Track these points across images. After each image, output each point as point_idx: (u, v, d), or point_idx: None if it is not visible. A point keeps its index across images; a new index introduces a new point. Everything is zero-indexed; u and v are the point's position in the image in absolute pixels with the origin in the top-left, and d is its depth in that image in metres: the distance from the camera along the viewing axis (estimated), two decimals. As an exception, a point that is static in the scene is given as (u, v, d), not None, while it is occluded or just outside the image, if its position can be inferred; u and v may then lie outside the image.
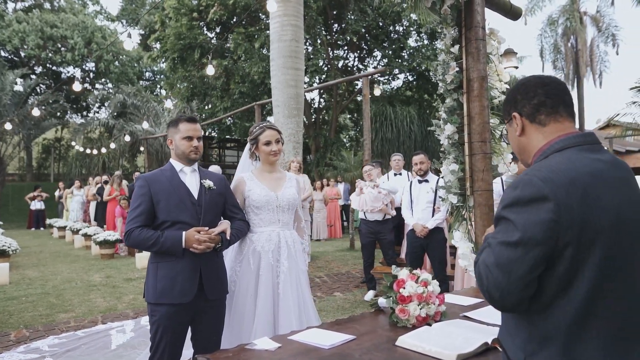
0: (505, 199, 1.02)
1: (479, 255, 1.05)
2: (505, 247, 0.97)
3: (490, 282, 0.97)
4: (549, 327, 0.97)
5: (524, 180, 0.99)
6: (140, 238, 2.04)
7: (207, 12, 14.24)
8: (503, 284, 0.96)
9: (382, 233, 4.80)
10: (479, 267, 1.03)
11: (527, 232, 0.94)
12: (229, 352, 1.33)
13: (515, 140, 1.18)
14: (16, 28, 20.96)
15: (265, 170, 2.44)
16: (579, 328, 0.95)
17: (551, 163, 1.01)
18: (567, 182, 0.96)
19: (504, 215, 1.01)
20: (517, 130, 1.15)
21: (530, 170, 1.02)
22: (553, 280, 0.96)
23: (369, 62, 16.37)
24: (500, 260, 0.97)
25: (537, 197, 0.95)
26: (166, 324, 2.02)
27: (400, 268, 1.66)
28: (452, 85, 2.83)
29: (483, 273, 0.99)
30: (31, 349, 3.31)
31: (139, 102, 20.05)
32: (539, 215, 0.94)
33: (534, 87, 1.12)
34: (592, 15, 20.46)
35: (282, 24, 7.38)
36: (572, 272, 0.95)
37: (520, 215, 0.96)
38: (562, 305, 0.96)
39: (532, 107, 1.11)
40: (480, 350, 1.28)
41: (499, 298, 0.97)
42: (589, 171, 0.98)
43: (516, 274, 0.95)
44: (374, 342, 1.39)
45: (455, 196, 2.82)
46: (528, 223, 0.95)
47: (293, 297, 2.23)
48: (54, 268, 6.89)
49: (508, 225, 0.98)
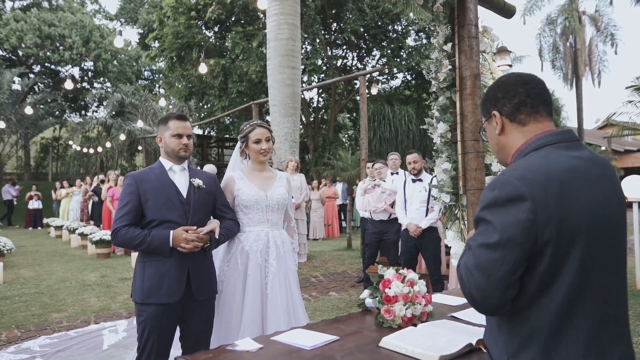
0: (483, 200, 1.01)
1: (461, 258, 1.04)
2: (485, 249, 0.96)
3: (472, 285, 0.96)
4: (530, 327, 0.96)
5: (500, 180, 0.98)
6: (127, 237, 2.01)
7: (205, 11, 14.21)
8: (484, 286, 0.95)
9: (387, 233, 4.77)
10: (460, 270, 1.02)
11: (506, 233, 0.93)
12: (209, 354, 1.31)
13: (494, 139, 1.15)
14: (14, 27, 20.91)
15: (255, 169, 2.41)
16: (560, 327, 0.95)
17: (527, 162, 1.00)
18: (542, 179, 0.94)
19: (482, 216, 1.00)
20: (496, 129, 1.12)
21: (507, 170, 1.01)
22: (534, 279, 0.95)
23: (368, 61, 16.35)
24: (481, 262, 0.96)
25: (513, 196, 0.94)
26: (153, 324, 2.00)
27: (386, 268, 1.64)
28: (444, 83, 2.81)
29: (464, 276, 0.99)
30: (22, 349, 3.29)
31: (137, 101, 20.01)
32: (516, 216, 0.93)
33: (515, 85, 1.10)
34: (590, 14, 20.45)
35: (279, 22, 7.35)
36: (553, 271, 0.94)
37: (498, 217, 0.95)
38: (543, 304, 0.95)
39: (512, 106, 1.09)
40: (464, 352, 1.26)
41: (480, 300, 0.96)
42: (563, 167, 0.97)
43: (497, 275, 0.94)
44: (357, 343, 1.37)
45: (448, 195, 2.80)
46: (506, 224, 0.94)
47: (282, 297, 2.21)
48: (49, 267, 6.87)
49: (487, 227, 0.97)
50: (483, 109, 1.17)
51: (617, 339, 0.98)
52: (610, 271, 0.98)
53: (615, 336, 0.98)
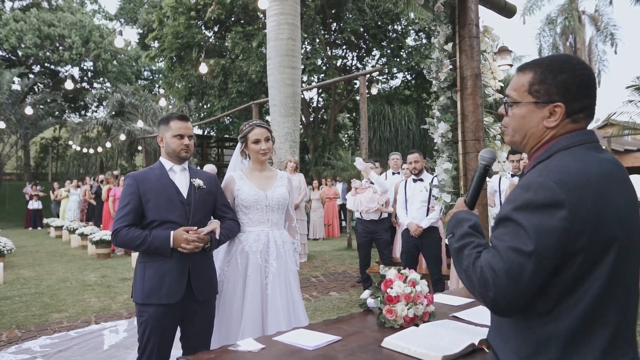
0: (515, 200, 0.96)
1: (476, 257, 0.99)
2: (517, 254, 0.91)
3: (498, 289, 0.92)
4: (548, 333, 0.94)
5: (538, 182, 0.94)
6: (127, 237, 2.01)
7: (205, 11, 14.20)
8: (511, 291, 0.91)
9: (378, 232, 4.79)
10: (482, 270, 0.95)
11: (540, 243, 0.90)
12: (212, 354, 1.31)
13: (531, 123, 1.05)
14: (13, 27, 20.88)
15: (255, 168, 2.41)
16: (579, 335, 0.92)
17: (563, 163, 0.96)
18: (581, 184, 0.91)
19: (513, 217, 0.95)
20: (550, 119, 1.03)
21: (544, 171, 0.96)
22: (557, 284, 0.93)
23: (368, 61, 16.34)
24: (511, 267, 0.91)
25: (550, 202, 0.90)
26: (154, 325, 2.00)
27: (388, 268, 1.64)
28: (445, 83, 2.81)
29: (490, 278, 0.93)
30: (22, 350, 3.29)
31: (137, 101, 20.00)
32: (552, 223, 0.90)
33: (590, 88, 1.02)
34: (590, 14, 20.46)
35: (279, 22, 7.35)
36: (579, 277, 0.92)
37: (532, 221, 0.91)
38: (565, 311, 0.93)
39: (580, 106, 1.02)
40: (467, 352, 1.25)
41: (505, 305, 0.93)
42: (599, 172, 0.95)
43: (526, 283, 0.91)
44: (359, 343, 1.36)
45: (449, 195, 2.80)
46: (540, 231, 0.90)
47: (282, 298, 2.20)
48: (49, 268, 6.86)
49: (518, 230, 0.93)
50: (541, 89, 1.03)
51: (628, 345, 0.97)
52: (632, 277, 0.96)
53: (626, 342, 0.96)
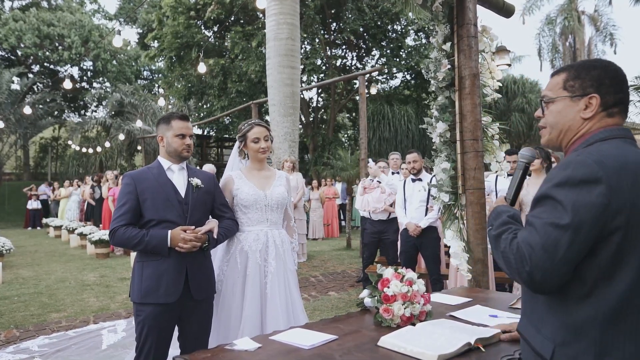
0: (553, 178, 0.99)
1: (513, 238, 1.01)
2: (553, 228, 0.94)
3: (534, 263, 0.94)
4: (585, 317, 0.95)
5: (576, 161, 0.97)
6: (125, 237, 2.01)
7: (205, 11, 14.19)
8: (547, 265, 0.93)
9: (386, 233, 4.78)
10: (518, 246, 0.98)
11: (578, 215, 0.92)
12: (208, 353, 1.31)
13: (566, 116, 1.10)
14: (13, 26, 20.86)
15: (254, 168, 2.41)
16: (617, 319, 0.93)
17: (601, 149, 1.00)
18: (619, 167, 0.94)
19: (551, 194, 0.98)
20: (587, 111, 1.07)
21: (582, 153, 1.00)
22: (594, 267, 0.94)
23: (367, 61, 16.34)
24: (548, 241, 0.94)
25: (589, 178, 0.93)
26: (151, 324, 2.00)
27: (384, 267, 1.64)
28: (443, 83, 2.80)
29: (526, 253, 0.96)
30: (20, 349, 3.28)
31: (136, 101, 19.99)
32: (590, 198, 0.92)
33: (622, 82, 1.08)
34: (590, 14, 20.46)
35: (278, 22, 7.34)
36: (617, 260, 0.93)
37: (570, 196, 0.94)
38: (603, 294, 0.94)
39: (614, 99, 1.07)
40: (463, 351, 1.25)
41: (540, 279, 0.95)
42: (637, 161, 0.97)
43: (562, 256, 0.93)
44: (356, 343, 1.36)
45: (447, 194, 2.80)
46: (578, 205, 0.93)
47: (281, 297, 2.21)
48: (48, 267, 6.86)
49: (556, 206, 0.96)
50: (575, 84, 1.09)
51: None
52: None
53: None
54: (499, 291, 3.37)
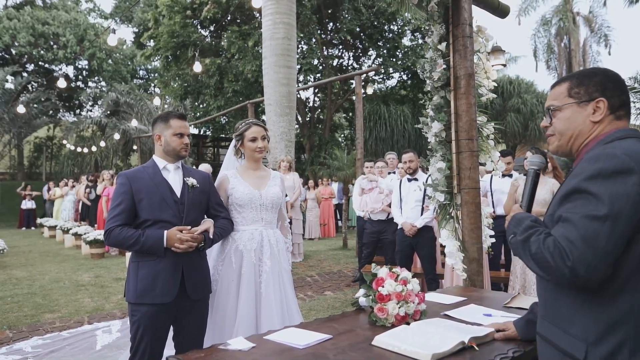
0: (584, 172, 0.99)
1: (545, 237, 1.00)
2: (591, 220, 0.93)
3: (576, 257, 0.93)
4: (618, 313, 0.95)
5: (605, 153, 0.98)
6: (120, 237, 2.00)
7: (201, 10, 14.14)
8: (589, 258, 0.92)
9: (385, 233, 4.79)
10: (555, 242, 0.97)
11: (615, 205, 0.92)
12: (202, 353, 1.30)
13: (576, 122, 1.12)
14: (7, 25, 20.69)
15: (250, 167, 2.41)
16: None
17: (622, 145, 1.01)
18: None
19: (583, 187, 0.97)
20: (595, 114, 1.10)
21: (609, 146, 1.01)
22: (629, 260, 0.94)
23: (364, 61, 16.36)
24: (587, 234, 0.93)
25: (622, 169, 0.94)
26: (147, 324, 1.99)
27: (379, 266, 1.64)
28: (439, 83, 2.81)
29: (566, 248, 0.94)
30: (13, 350, 3.25)
31: (132, 100, 19.89)
32: (625, 188, 0.92)
33: (623, 85, 1.13)
34: (585, 15, 20.60)
35: (275, 22, 7.33)
36: None
37: (605, 188, 0.94)
38: (637, 288, 0.94)
39: (619, 101, 1.11)
40: (457, 350, 1.26)
41: (584, 274, 0.93)
42: None
43: (604, 248, 0.92)
44: (350, 342, 1.36)
45: (442, 194, 2.80)
46: (614, 195, 0.93)
47: (275, 297, 2.20)
48: (42, 268, 6.81)
49: (589, 199, 0.95)
50: (580, 90, 1.12)
51: None
52: None
53: None
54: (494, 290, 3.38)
